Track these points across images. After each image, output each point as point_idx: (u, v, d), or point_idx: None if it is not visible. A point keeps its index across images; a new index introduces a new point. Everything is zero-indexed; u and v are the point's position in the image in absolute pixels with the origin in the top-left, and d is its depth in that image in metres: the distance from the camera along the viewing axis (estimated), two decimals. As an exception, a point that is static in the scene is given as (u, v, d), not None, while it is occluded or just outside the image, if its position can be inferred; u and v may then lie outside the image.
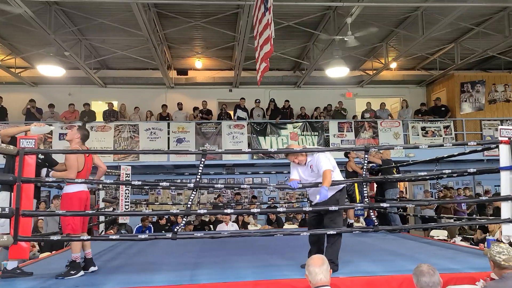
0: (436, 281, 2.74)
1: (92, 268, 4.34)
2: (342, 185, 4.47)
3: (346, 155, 8.24)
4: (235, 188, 12.80)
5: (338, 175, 4.41)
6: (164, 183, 4.68)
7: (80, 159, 4.33)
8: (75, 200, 4.23)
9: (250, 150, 10.52)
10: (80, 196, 4.26)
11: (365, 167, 4.82)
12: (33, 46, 11.16)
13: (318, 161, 4.23)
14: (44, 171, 4.42)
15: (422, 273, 2.76)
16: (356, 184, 7.77)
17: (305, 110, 13.36)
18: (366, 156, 4.74)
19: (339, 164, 4.59)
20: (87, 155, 4.44)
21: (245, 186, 5.26)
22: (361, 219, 10.55)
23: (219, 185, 4.74)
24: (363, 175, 4.82)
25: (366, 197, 4.84)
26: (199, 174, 4.39)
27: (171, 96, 13.79)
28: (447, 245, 6.29)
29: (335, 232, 4.21)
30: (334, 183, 4.27)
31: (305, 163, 4.35)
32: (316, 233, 4.35)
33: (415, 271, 2.84)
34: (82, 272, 4.17)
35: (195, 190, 4.44)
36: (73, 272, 4.11)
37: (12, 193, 4.05)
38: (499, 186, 4.71)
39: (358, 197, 7.81)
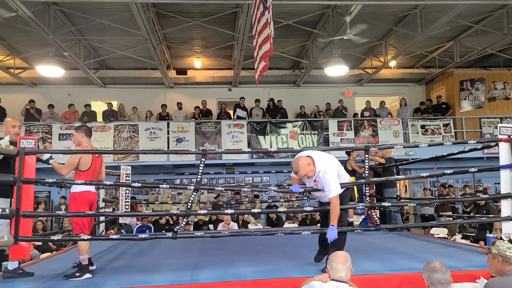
0: (447, 278, 2.75)
1: (90, 267, 4.27)
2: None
3: (347, 153, 8.24)
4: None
5: (346, 178, 4.35)
6: (165, 185, 4.65)
7: (86, 158, 4.24)
8: (81, 200, 4.20)
9: (249, 149, 10.55)
10: (86, 196, 4.23)
11: (366, 167, 4.80)
12: (32, 47, 11.15)
13: (325, 181, 4.00)
14: (46, 155, 4.33)
15: (435, 270, 2.75)
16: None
17: (304, 109, 13.36)
18: (367, 156, 4.72)
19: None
20: (97, 155, 4.39)
21: (246, 189, 5.27)
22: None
23: (219, 188, 4.74)
24: (364, 175, 4.80)
25: (367, 196, 4.83)
26: (200, 174, 4.38)
27: (171, 96, 13.80)
28: (447, 243, 6.30)
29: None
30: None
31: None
32: (321, 232, 4.34)
33: (426, 267, 2.83)
34: (88, 275, 4.09)
35: (195, 193, 4.43)
36: (78, 274, 4.06)
37: (12, 199, 4.03)
38: (499, 183, 4.71)
39: (356, 195, 7.81)
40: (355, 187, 7.73)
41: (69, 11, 9.49)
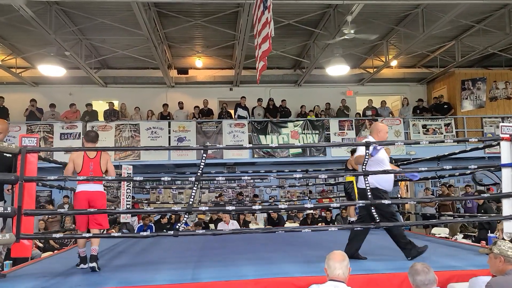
0: (431, 278, 2.78)
1: (82, 266, 4.46)
2: None
3: (351, 152, 8.17)
4: (237, 187, 12.81)
5: None
6: (166, 178, 4.75)
7: (77, 161, 4.51)
8: (75, 200, 4.61)
9: (250, 145, 10.45)
10: (80, 196, 4.48)
11: (366, 161, 4.81)
12: (34, 46, 11.17)
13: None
14: None
15: (417, 272, 2.80)
16: (354, 183, 7.74)
17: (305, 109, 13.35)
18: (368, 151, 4.75)
19: (339, 162, 4.58)
20: (92, 157, 4.53)
21: (246, 177, 5.29)
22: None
23: (220, 178, 4.75)
24: (363, 168, 4.81)
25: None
26: (201, 169, 4.39)
27: (172, 95, 13.80)
28: (449, 242, 6.30)
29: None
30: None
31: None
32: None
33: (410, 270, 2.88)
34: (82, 265, 4.44)
35: (196, 184, 4.45)
36: (78, 264, 4.51)
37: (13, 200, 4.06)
38: (500, 183, 4.71)
39: (357, 195, 7.79)
40: (355, 186, 7.72)
41: (70, 11, 9.50)
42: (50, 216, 9.76)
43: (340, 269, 2.90)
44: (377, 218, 4.78)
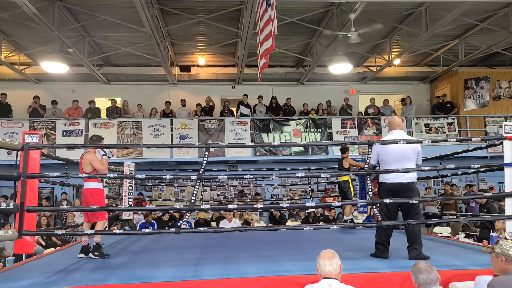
0: (434, 277, 2.79)
1: (78, 255, 5.03)
2: None
3: (342, 150, 8.04)
4: (239, 186, 12.82)
5: None
6: (168, 176, 4.84)
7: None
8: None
9: (253, 143, 10.41)
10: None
11: (367, 161, 4.82)
12: (37, 43, 11.18)
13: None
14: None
15: (420, 271, 2.81)
16: (350, 182, 7.72)
17: (307, 107, 13.34)
18: (370, 150, 4.76)
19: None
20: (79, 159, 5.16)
21: (248, 176, 5.31)
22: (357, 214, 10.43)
23: (222, 176, 4.78)
24: (365, 167, 4.82)
25: (370, 192, 4.82)
26: (203, 167, 4.40)
27: (174, 93, 13.80)
28: (451, 241, 6.29)
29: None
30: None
31: None
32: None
33: (413, 269, 2.89)
34: (83, 255, 5.00)
35: (198, 182, 4.46)
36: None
37: None
38: (503, 183, 4.70)
39: (352, 193, 7.76)
40: (350, 184, 7.71)
41: (73, 8, 9.51)
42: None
43: (330, 266, 2.92)
44: (379, 217, 4.78)
